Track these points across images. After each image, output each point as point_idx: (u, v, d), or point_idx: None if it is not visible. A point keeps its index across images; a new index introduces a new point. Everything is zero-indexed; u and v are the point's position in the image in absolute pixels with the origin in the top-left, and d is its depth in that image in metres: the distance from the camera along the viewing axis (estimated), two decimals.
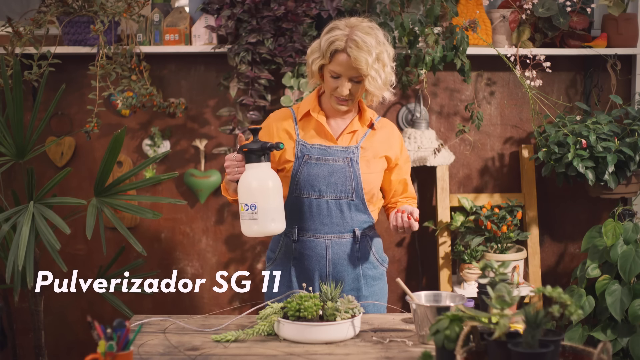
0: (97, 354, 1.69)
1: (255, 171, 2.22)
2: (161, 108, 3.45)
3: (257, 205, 2.20)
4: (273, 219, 2.22)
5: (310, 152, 2.43)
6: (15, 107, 2.99)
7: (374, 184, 2.48)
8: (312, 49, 2.41)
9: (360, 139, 2.47)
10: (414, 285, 3.69)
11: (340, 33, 2.32)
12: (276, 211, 2.23)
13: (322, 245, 2.46)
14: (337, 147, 2.44)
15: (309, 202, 2.44)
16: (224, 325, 2.22)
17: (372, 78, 2.33)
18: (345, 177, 2.43)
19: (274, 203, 2.22)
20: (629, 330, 3.27)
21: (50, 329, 3.63)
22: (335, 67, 2.34)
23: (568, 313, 1.57)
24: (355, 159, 2.44)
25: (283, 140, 2.46)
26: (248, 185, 2.21)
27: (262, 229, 2.23)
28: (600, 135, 3.28)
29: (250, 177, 2.22)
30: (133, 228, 3.64)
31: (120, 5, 3.31)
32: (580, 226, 3.69)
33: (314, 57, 2.39)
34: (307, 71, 2.45)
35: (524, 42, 3.48)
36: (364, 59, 2.29)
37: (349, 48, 2.30)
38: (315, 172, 2.42)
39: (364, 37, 2.31)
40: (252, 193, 2.21)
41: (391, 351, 2.00)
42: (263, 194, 2.21)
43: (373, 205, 2.52)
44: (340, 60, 2.33)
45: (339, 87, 2.36)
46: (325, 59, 2.35)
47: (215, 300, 3.70)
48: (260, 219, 2.21)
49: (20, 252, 2.78)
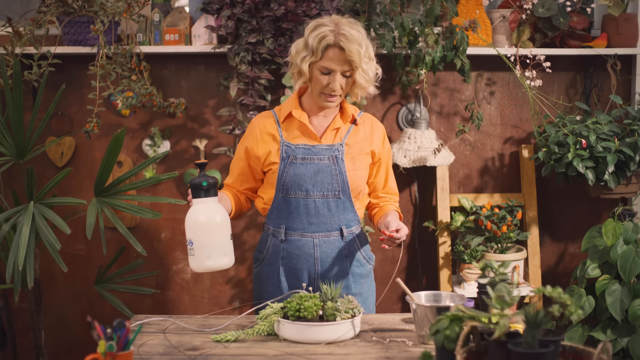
0: (97, 354, 1.69)
1: (194, 207, 2.26)
2: (161, 108, 3.45)
3: (193, 242, 2.23)
4: (209, 255, 2.22)
5: (295, 152, 2.44)
6: (15, 107, 2.99)
7: (360, 180, 2.49)
8: (298, 48, 2.41)
9: (344, 136, 2.48)
10: (414, 285, 3.69)
11: (327, 29, 2.35)
12: (212, 247, 2.22)
13: (310, 244, 2.47)
14: (321, 146, 2.45)
15: (296, 202, 2.45)
16: (224, 325, 2.22)
17: (364, 70, 2.36)
18: (332, 175, 2.44)
19: (209, 239, 2.22)
20: (629, 330, 3.27)
21: (50, 329, 3.63)
22: (327, 63, 2.35)
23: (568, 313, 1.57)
24: (340, 156, 2.44)
25: (266, 143, 2.47)
26: (187, 221, 2.26)
27: (198, 265, 2.24)
28: (600, 135, 3.28)
29: (189, 213, 2.26)
30: (133, 228, 3.64)
31: (120, 5, 3.31)
32: (580, 226, 3.68)
33: (301, 56, 2.38)
34: (293, 72, 2.44)
35: (524, 42, 3.48)
36: (357, 50, 2.33)
37: (341, 42, 2.33)
38: (301, 172, 2.43)
39: (351, 30, 2.35)
40: (188, 229, 2.25)
41: (391, 351, 2.00)
42: (196, 231, 2.23)
43: (360, 202, 2.53)
44: (332, 55, 2.35)
45: (330, 83, 2.37)
46: (316, 56, 2.36)
47: (215, 300, 3.70)
48: (196, 255, 2.23)
49: (20, 252, 2.78)
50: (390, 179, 2.62)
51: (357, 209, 2.51)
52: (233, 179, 2.58)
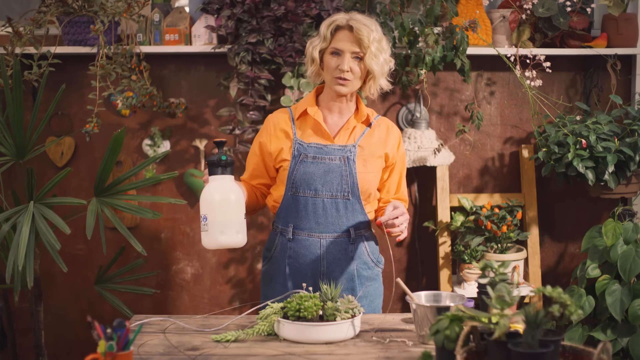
0: (97, 354, 1.69)
1: (210, 184, 2.26)
2: (161, 108, 3.45)
3: (207, 217, 2.22)
4: (222, 231, 2.21)
5: (306, 150, 2.44)
6: (15, 107, 2.99)
7: (370, 183, 2.48)
8: (312, 40, 2.47)
9: (358, 137, 2.48)
10: (414, 285, 3.69)
11: (341, 16, 2.42)
12: (226, 224, 2.22)
13: (317, 244, 2.47)
14: (333, 146, 2.45)
15: (304, 200, 2.45)
16: (224, 325, 2.22)
17: (373, 54, 2.38)
18: (342, 176, 2.43)
19: (223, 216, 2.22)
20: (629, 330, 3.27)
21: (50, 329, 3.63)
22: (337, 44, 2.39)
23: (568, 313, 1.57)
24: (352, 157, 2.44)
25: (279, 140, 2.48)
26: (202, 197, 2.25)
27: (211, 242, 2.24)
28: (600, 135, 3.28)
29: (204, 190, 2.26)
30: (133, 228, 3.65)
31: (120, 5, 3.31)
32: (580, 226, 3.69)
33: (313, 44, 2.44)
34: (307, 61, 2.48)
35: (524, 42, 3.48)
36: (366, 30, 2.37)
37: (350, 22, 2.38)
38: (311, 170, 2.43)
39: (363, 19, 2.41)
40: (202, 205, 2.24)
41: (391, 351, 2.00)
42: (211, 207, 2.22)
43: (370, 205, 2.52)
44: (341, 36, 2.39)
45: (340, 64, 2.39)
46: (326, 40, 2.41)
47: (215, 300, 3.70)
48: (210, 230, 2.22)
49: (20, 252, 2.78)
50: (403, 186, 2.61)
51: (367, 212, 2.50)
52: (248, 174, 2.59)
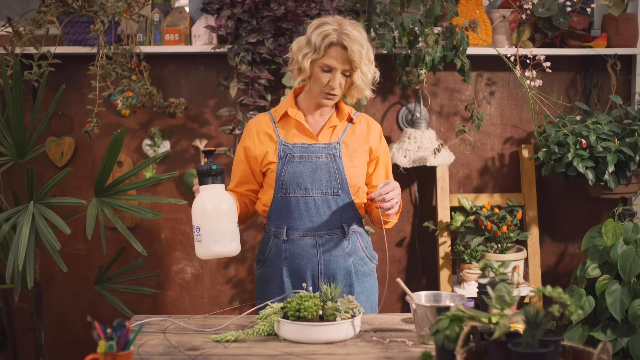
0: (97, 354, 1.69)
1: (201, 193, 2.25)
2: (161, 108, 3.45)
3: (200, 227, 2.22)
4: (216, 240, 2.21)
5: (292, 151, 2.45)
6: (15, 107, 2.99)
7: (358, 177, 2.50)
8: (300, 45, 2.42)
9: (340, 134, 2.50)
10: (414, 285, 3.68)
11: (331, 27, 2.37)
12: (219, 233, 2.22)
13: (312, 243, 2.47)
14: (318, 144, 2.47)
15: (295, 200, 2.45)
16: (224, 325, 2.22)
17: (363, 72, 2.39)
18: (330, 172, 2.45)
19: (216, 225, 2.21)
20: (629, 330, 3.27)
21: (50, 329, 3.63)
22: (329, 60, 2.37)
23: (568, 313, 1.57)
24: (337, 154, 2.46)
25: (263, 143, 2.49)
26: (193, 208, 2.25)
27: (205, 252, 2.23)
28: (600, 135, 3.28)
29: (196, 200, 2.26)
30: (133, 228, 3.64)
31: (120, 5, 3.31)
32: (580, 226, 3.68)
33: (303, 52, 2.40)
34: (293, 68, 2.45)
35: (524, 42, 3.48)
36: (358, 50, 2.35)
37: (344, 40, 2.35)
38: (300, 170, 2.44)
39: (353, 31, 2.38)
40: (195, 215, 2.24)
41: (391, 351, 2.00)
42: (204, 216, 2.22)
43: (359, 199, 2.53)
44: (334, 54, 2.37)
45: (330, 81, 2.39)
46: (318, 53, 2.37)
47: (215, 300, 3.70)
48: (203, 241, 2.22)
49: (20, 252, 2.78)
50: (390, 178, 2.61)
51: (358, 207, 2.52)
52: (235, 182, 2.58)
